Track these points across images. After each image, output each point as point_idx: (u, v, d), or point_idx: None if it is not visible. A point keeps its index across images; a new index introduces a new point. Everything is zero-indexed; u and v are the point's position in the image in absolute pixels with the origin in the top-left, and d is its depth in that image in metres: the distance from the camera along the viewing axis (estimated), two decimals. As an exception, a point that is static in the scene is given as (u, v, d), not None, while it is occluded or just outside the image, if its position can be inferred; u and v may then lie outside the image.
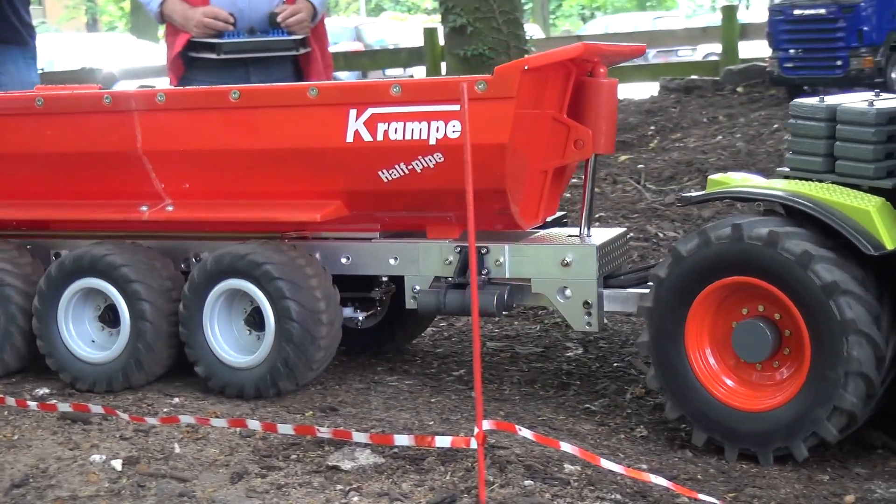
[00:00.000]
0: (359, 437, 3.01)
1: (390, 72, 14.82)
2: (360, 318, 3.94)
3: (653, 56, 18.80)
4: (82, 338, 3.82)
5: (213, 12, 4.53)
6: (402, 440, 2.98)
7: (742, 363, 3.25)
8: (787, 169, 3.44)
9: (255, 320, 3.65)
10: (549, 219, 3.86)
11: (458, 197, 3.49)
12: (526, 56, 7.69)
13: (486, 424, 2.70)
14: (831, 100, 3.36)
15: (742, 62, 12.36)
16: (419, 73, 13.06)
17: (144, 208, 3.79)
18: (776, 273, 3.05)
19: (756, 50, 13.12)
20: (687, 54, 18.87)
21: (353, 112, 3.43)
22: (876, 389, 3.02)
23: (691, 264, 3.20)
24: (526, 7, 32.22)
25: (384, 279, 3.80)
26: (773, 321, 3.18)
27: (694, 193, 3.59)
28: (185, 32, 4.59)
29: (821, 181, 3.26)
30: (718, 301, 3.25)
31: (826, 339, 2.98)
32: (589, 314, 3.52)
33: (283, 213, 3.62)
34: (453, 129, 3.36)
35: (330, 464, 2.96)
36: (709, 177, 3.62)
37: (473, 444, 2.68)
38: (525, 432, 2.85)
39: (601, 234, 3.69)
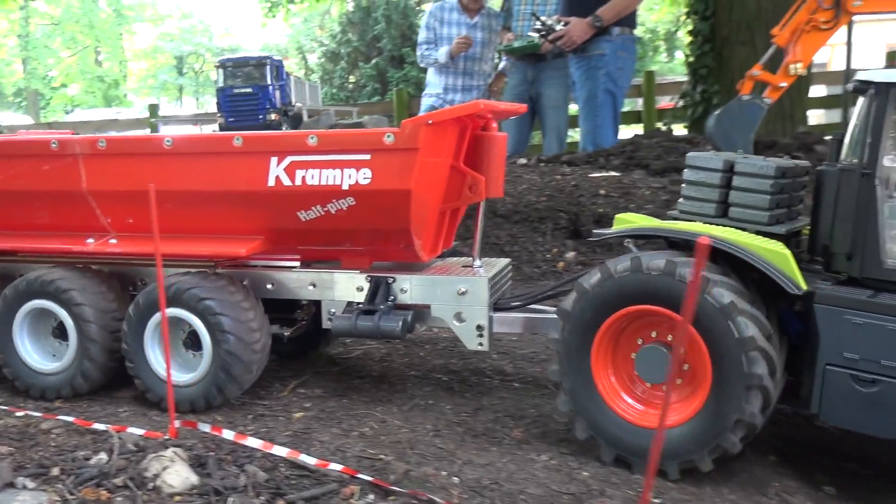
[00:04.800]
0: None
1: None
2: (287, 333, 3.85)
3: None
4: (37, 350, 3.71)
5: None
6: None
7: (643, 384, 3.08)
8: (677, 212, 3.33)
9: (192, 341, 3.53)
10: (445, 251, 3.81)
11: (368, 234, 3.46)
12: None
13: None
14: (725, 155, 3.28)
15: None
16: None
17: (91, 240, 3.66)
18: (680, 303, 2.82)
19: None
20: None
21: (274, 160, 3.34)
22: (772, 400, 2.89)
23: (594, 297, 3.01)
24: (23, 103, 42.46)
25: (304, 302, 3.71)
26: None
27: (607, 231, 3.31)
28: None
29: (712, 224, 3.14)
30: (622, 328, 3.07)
31: (726, 357, 2.82)
32: (481, 335, 3.48)
33: (212, 247, 3.52)
34: (364, 177, 3.30)
35: None
36: (616, 216, 3.46)
37: None
38: None
39: (490, 266, 3.65)
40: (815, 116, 10.66)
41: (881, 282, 2.91)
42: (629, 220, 3.32)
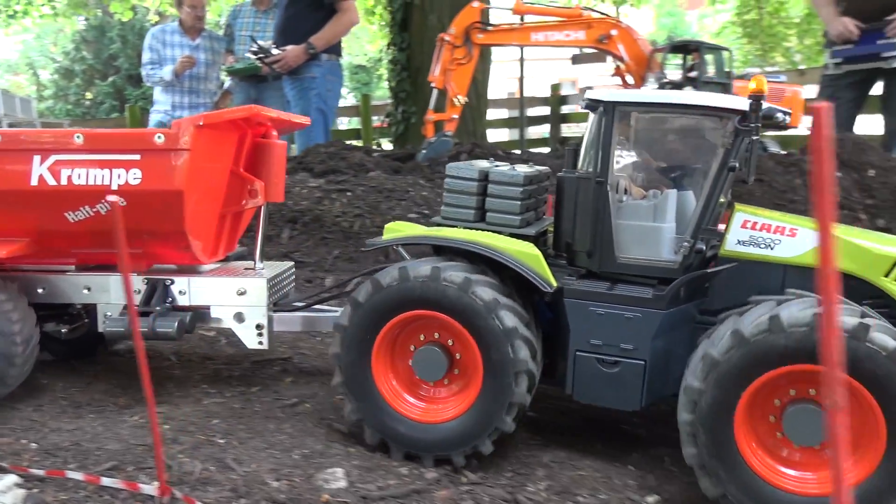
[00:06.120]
0: None
1: None
2: (64, 330, 3.67)
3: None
4: None
5: None
6: None
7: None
8: (440, 218, 3.41)
9: None
10: (230, 254, 3.76)
11: (143, 236, 3.35)
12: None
13: None
14: (480, 164, 3.42)
15: None
16: None
17: None
18: (447, 304, 2.97)
19: None
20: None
21: (37, 158, 3.18)
22: (535, 381, 3.04)
23: (368, 309, 3.06)
24: None
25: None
26: (446, 346, 3.10)
27: (378, 239, 3.32)
28: None
29: (471, 228, 3.27)
30: (396, 335, 3.13)
31: (493, 348, 2.95)
32: (261, 335, 3.45)
33: (-29, 249, 3.28)
34: (133, 177, 3.20)
35: None
36: (386, 225, 3.49)
37: None
38: None
39: (272, 268, 3.64)
40: (500, 134, 12.75)
41: (616, 275, 3.15)
42: (398, 230, 3.38)
